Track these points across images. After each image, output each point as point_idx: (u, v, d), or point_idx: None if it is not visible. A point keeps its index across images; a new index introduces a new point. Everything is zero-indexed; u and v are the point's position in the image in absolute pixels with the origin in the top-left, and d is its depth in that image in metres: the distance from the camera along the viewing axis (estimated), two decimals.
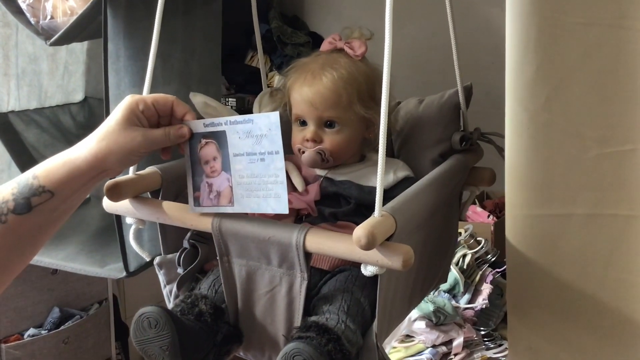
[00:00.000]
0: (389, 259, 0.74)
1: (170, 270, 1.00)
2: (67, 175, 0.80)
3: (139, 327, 0.83)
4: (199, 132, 0.87)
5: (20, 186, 0.78)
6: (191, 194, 0.89)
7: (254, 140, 0.82)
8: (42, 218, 0.79)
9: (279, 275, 0.84)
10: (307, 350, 0.75)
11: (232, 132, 0.84)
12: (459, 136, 1.05)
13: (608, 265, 0.96)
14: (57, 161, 0.81)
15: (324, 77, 0.99)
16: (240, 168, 0.84)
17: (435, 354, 1.68)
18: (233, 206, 0.85)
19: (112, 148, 0.82)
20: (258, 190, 0.83)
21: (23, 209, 0.77)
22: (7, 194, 0.77)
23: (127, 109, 0.84)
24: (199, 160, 0.88)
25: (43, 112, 1.81)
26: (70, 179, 0.81)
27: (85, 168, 0.81)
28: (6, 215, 0.76)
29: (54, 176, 0.79)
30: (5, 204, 0.76)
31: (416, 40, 2.29)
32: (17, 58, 1.71)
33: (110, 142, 0.82)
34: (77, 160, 0.80)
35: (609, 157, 0.91)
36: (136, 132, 0.83)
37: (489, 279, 1.85)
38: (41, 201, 0.78)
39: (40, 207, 0.78)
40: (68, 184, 0.81)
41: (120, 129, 0.82)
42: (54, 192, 0.79)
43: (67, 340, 2.06)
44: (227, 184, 0.86)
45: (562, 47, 0.90)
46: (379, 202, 0.75)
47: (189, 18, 1.52)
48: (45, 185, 0.78)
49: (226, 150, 0.85)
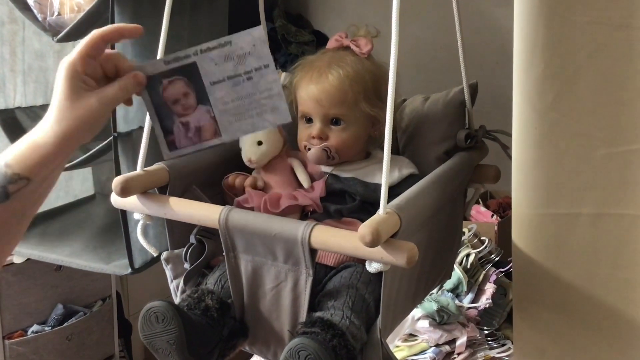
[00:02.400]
0: (393, 256, 0.74)
1: (177, 265, 1.00)
2: (39, 161, 0.77)
3: (146, 322, 0.83)
4: (159, 72, 0.82)
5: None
6: (162, 140, 0.85)
7: (235, 62, 0.78)
8: (22, 203, 0.77)
9: (285, 271, 0.85)
10: (312, 345, 0.75)
11: (204, 60, 0.80)
12: (464, 134, 1.05)
13: (614, 265, 0.96)
14: (25, 147, 0.78)
15: (330, 74, 0.99)
16: (222, 95, 0.80)
17: (439, 353, 1.68)
18: (221, 137, 0.82)
19: (75, 125, 0.77)
20: (250, 110, 0.80)
21: (1, 197, 0.75)
22: None
23: (69, 78, 0.77)
24: (165, 103, 0.83)
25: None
26: (43, 164, 0.78)
27: (56, 151, 0.78)
28: None
29: (27, 163, 0.77)
30: None
31: (419, 39, 2.28)
32: (23, 54, 1.72)
33: (70, 120, 0.77)
34: (46, 145, 0.77)
35: (616, 156, 0.91)
36: (90, 99, 0.78)
37: (492, 278, 1.85)
38: (18, 188, 0.76)
39: (18, 194, 0.76)
40: (42, 168, 0.78)
41: (73, 103, 0.77)
42: (29, 177, 0.77)
43: (70, 337, 2.06)
44: (207, 116, 0.82)
45: (570, 46, 0.90)
46: (383, 200, 0.76)
47: (195, 16, 1.52)
48: (19, 173, 0.76)
49: (199, 81, 0.81)
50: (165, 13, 0.95)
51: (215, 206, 0.89)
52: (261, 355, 0.96)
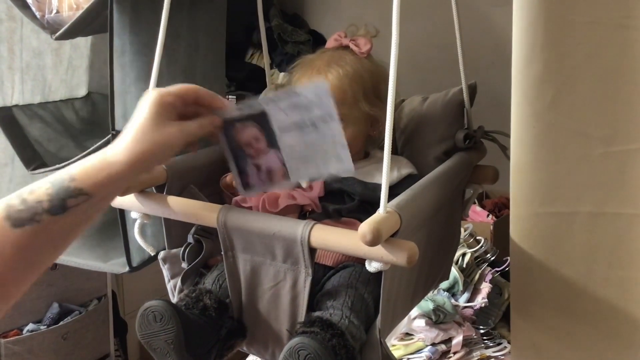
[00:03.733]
0: (393, 255, 0.74)
1: (174, 264, 1.00)
2: (106, 179, 0.79)
3: (144, 321, 0.83)
4: (233, 117, 0.86)
5: (55, 187, 0.76)
6: (238, 179, 0.89)
7: (302, 110, 0.81)
8: (77, 218, 0.78)
9: (284, 271, 0.85)
10: (311, 344, 0.75)
11: (274, 109, 0.83)
12: (463, 134, 1.05)
13: (612, 264, 0.96)
14: (94, 164, 0.79)
15: (329, 74, 0.99)
16: (290, 141, 0.84)
17: (435, 352, 1.68)
18: (289, 179, 0.85)
19: (152, 149, 0.80)
20: (315, 157, 0.82)
21: (58, 209, 0.75)
22: (42, 194, 0.75)
23: (157, 104, 0.81)
24: (238, 145, 0.87)
25: (47, 106, 1.81)
26: (109, 183, 0.79)
27: (125, 172, 0.80)
28: (40, 215, 0.74)
29: (93, 179, 0.78)
30: (40, 204, 0.75)
31: (415, 38, 2.29)
32: (21, 52, 1.71)
33: (149, 143, 0.80)
34: (116, 164, 0.79)
35: (614, 156, 0.92)
36: (172, 128, 0.82)
37: (488, 277, 1.86)
38: (77, 203, 0.76)
39: (76, 208, 0.77)
40: (106, 187, 0.79)
41: (156, 127, 0.81)
42: (91, 194, 0.77)
43: (66, 335, 2.06)
44: (277, 160, 0.85)
45: (568, 46, 0.90)
46: (384, 199, 0.76)
47: (193, 13, 1.52)
48: (83, 188, 0.77)
49: (270, 128, 0.84)
50: (164, 12, 0.95)
51: (213, 205, 0.89)
52: (259, 356, 0.96)
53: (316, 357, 0.74)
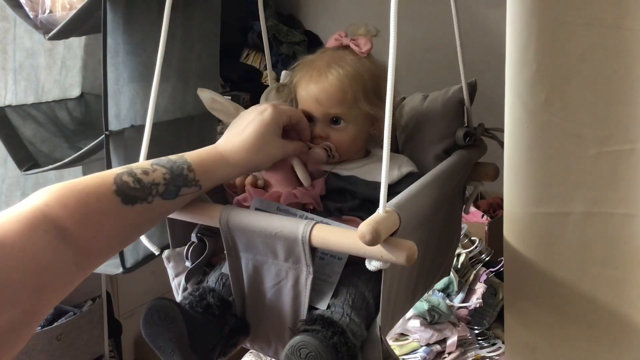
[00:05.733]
0: (393, 254, 0.74)
1: (178, 263, 1.01)
2: (220, 176, 0.85)
3: (148, 320, 0.83)
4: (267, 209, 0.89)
5: (173, 174, 0.79)
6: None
7: None
8: (179, 204, 0.82)
9: (285, 270, 0.85)
10: (313, 342, 0.76)
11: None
12: (463, 132, 1.06)
13: (605, 264, 0.97)
14: (211, 159, 0.84)
15: (329, 74, 0.99)
16: None
17: (429, 352, 1.69)
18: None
19: (265, 161, 0.90)
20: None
21: (171, 195, 0.79)
22: (159, 177, 0.78)
23: (276, 121, 0.90)
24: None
25: (40, 107, 1.80)
26: (220, 180, 0.86)
27: (236, 174, 0.88)
28: (153, 196, 0.77)
29: (209, 174, 0.83)
30: (156, 187, 0.77)
31: (412, 38, 2.30)
32: (14, 52, 1.70)
33: (265, 155, 0.89)
34: (233, 165, 0.85)
35: (608, 156, 0.92)
36: (280, 145, 0.91)
37: (482, 278, 1.86)
38: (189, 192, 0.81)
39: (185, 196, 0.81)
40: (216, 183, 0.85)
41: (272, 141, 0.90)
42: (203, 186, 0.83)
43: (60, 336, 2.05)
44: None
45: (562, 46, 0.90)
46: (383, 199, 0.76)
47: (187, 14, 1.52)
48: (199, 180, 0.82)
49: None
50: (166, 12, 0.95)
51: (216, 205, 0.89)
52: (262, 352, 0.97)
53: (317, 355, 0.75)
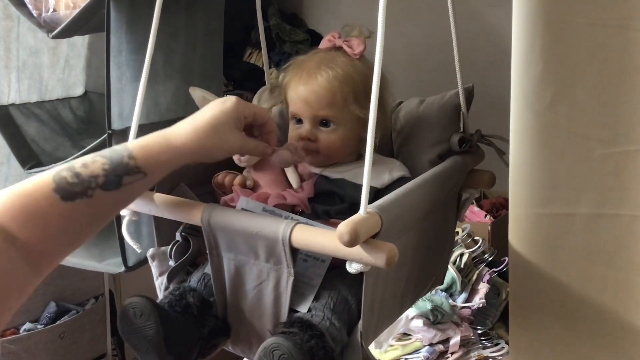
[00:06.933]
0: (372, 256, 0.73)
1: (162, 262, 1.00)
2: (167, 161, 0.80)
3: (124, 318, 0.83)
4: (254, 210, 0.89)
5: (113, 163, 0.76)
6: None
7: None
8: (127, 194, 0.79)
9: (267, 270, 0.84)
10: (285, 345, 0.75)
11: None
12: (458, 137, 1.03)
13: (610, 265, 0.96)
14: (156, 144, 0.80)
15: (319, 76, 0.98)
16: None
17: (432, 352, 1.68)
18: None
19: (216, 147, 0.85)
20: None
21: (112, 185, 0.75)
22: (97, 169, 0.74)
23: (237, 111, 0.86)
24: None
25: (43, 105, 1.81)
26: (168, 165, 0.81)
27: (187, 158, 0.82)
28: (93, 189, 0.73)
29: (154, 159, 0.79)
30: (95, 179, 0.74)
31: (413, 38, 2.29)
32: (18, 51, 1.71)
33: (216, 141, 0.84)
34: (182, 148, 0.81)
35: (613, 157, 0.91)
36: (238, 136, 0.87)
37: (485, 278, 1.86)
38: (133, 180, 0.77)
39: (130, 185, 0.77)
40: (164, 169, 0.81)
41: (227, 130, 0.85)
42: (148, 173, 0.78)
43: (63, 335, 2.06)
44: None
45: (568, 47, 0.90)
46: (364, 199, 0.75)
47: (191, 13, 1.52)
48: (141, 167, 0.77)
49: None
50: (156, 10, 0.95)
51: (198, 204, 0.88)
52: (243, 355, 0.96)
53: (290, 358, 0.74)
